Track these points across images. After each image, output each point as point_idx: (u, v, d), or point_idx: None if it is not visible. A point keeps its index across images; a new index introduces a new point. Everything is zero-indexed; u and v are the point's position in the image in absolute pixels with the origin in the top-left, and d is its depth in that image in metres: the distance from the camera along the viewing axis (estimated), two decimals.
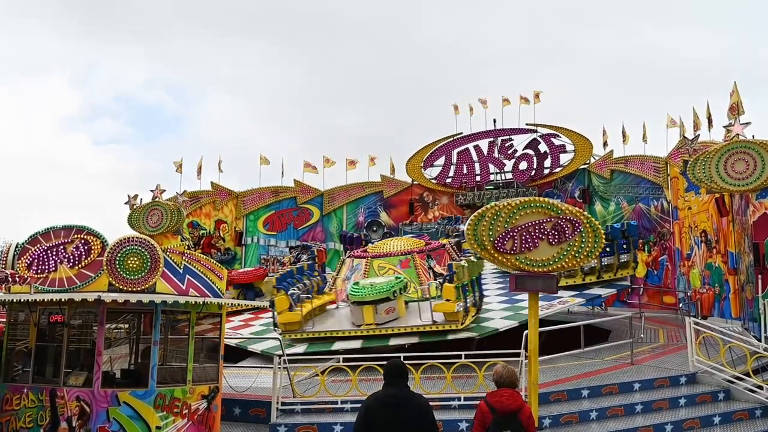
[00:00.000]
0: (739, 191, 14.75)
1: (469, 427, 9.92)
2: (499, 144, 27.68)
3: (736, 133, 14.56)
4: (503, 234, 10.03)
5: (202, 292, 10.66)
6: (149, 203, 21.82)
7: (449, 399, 11.47)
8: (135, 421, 9.37)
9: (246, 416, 11.70)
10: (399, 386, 5.82)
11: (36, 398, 9.67)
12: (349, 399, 11.44)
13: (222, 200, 28.06)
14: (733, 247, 17.20)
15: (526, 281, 10.19)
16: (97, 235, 10.14)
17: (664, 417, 11.35)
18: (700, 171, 14.60)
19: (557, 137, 26.89)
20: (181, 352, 10.54)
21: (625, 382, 12.49)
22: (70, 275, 9.95)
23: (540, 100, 27.33)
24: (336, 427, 10.83)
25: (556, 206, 10.12)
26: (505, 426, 6.06)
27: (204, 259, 11.09)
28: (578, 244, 10.03)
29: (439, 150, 28.54)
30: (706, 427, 11.15)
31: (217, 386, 10.65)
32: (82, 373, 9.68)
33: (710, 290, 18.93)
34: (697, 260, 20.04)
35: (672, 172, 21.98)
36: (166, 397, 9.70)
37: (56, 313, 10.32)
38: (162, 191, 22.34)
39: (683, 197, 20.96)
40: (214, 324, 11.41)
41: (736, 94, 15.06)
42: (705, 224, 19.28)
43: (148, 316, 10.37)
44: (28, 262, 10.00)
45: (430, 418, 5.75)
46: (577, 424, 11.01)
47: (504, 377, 6.35)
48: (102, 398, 9.32)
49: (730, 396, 12.18)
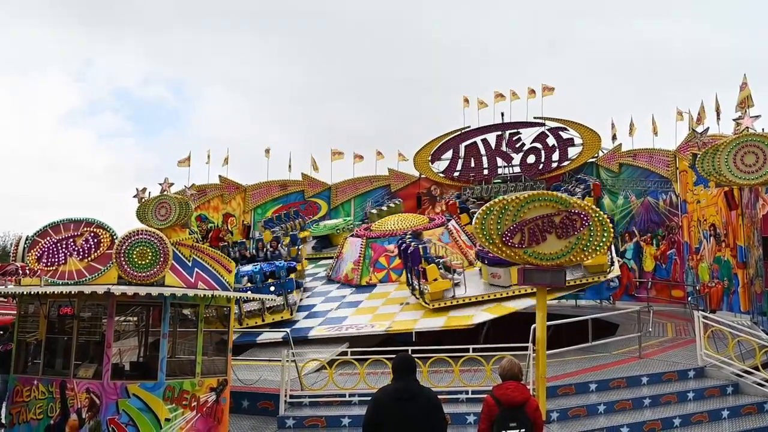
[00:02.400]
0: (748, 184, 14.66)
1: (477, 421, 9.93)
2: (507, 138, 27.57)
3: (746, 126, 14.47)
4: (511, 228, 10.02)
5: (210, 285, 10.69)
6: (158, 196, 21.84)
7: (457, 392, 11.48)
8: (144, 413, 9.43)
9: (254, 409, 11.75)
10: (408, 380, 5.80)
11: (46, 390, 9.74)
12: (357, 392, 11.47)
13: (230, 194, 28.11)
14: (742, 241, 17.11)
15: (534, 275, 10.19)
16: (106, 228, 10.18)
17: (673, 411, 11.32)
18: (709, 164, 14.51)
19: (565, 131, 26.74)
20: (190, 344, 10.60)
21: (633, 375, 12.47)
22: (79, 268, 9.99)
23: (552, 92, 27.19)
24: (344, 420, 10.87)
25: (564, 200, 10.11)
26: (511, 419, 6.06)
27: (212, 252, 11.12)
28: (586, 238, 10.02)
29: (446, 144, 28.42)
30: (714, 421, 11.13)
31: (226, 379, 10.69)
32: (91, 366, 9.76)
33: (719, 284, 18.85)
34: (705, 254, 19.96)
35: (681, 165, 21.87)
36: (175, 389, 9.75)
37: (66, 305, 10.38)
38: (170, 184, 22.38)
39: (692, 191, 20.86)
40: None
41: (747, 88, 14.95)
42: (714, 218, 19.18)
43: (157, 309, 10.43)
44: (38, 255, 10.05)
45: (439, 413, 5.73)
46: (585, 417, 11.00)
47: (507, 370, 6.36)
48: (111, 390, 9.38)
49: (738, 390, 12.14)
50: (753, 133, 14.30)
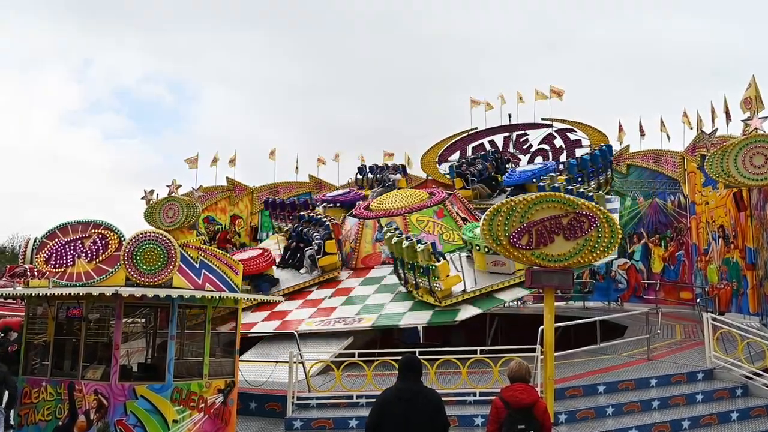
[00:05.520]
0: (757, 186, 14.59)
1: (485, 423, 9.91)
2: (514, 139, 27.54)
3: (755, 127, 14.41)
4: (519, 229, 10.00)
5: (218, 287, 10.70)
6: (165, 198, 21.95)
7: (464, 394, 11.45)
8: (152, 415, 9.44)
9: (262, 410, 11.75)
10: (412, 380, 5.83)
11: (54, 391, 9.77)
12: (364, 394, 11.45)
13: (237, 195, 28.13)
14: (751, 243, 17.03)
15: (542, 276, 10.17)
16: (114, 229, 10.19)
17: (681, 413, 11.27)
18: (717, 165, 14.44)
19: (573, 132, 26.71)
20: (198, 346, 10.61)
21: (642, 377, 12.41)
22: (87, 270, 10.01)
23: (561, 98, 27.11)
24: (351, 422, 10.86)
25: (572, 201, 10.08)
26: (519, 421, 6.05)
27: (220, 254, 11.13)
28: (594, 239, 9.99)
29: (453, 145, 28.39)
30: (723, 423, 11.06)
31: (233, 380, 10.70)
32: (99, 367, 9.77)
33: (728, 286, 18.77)
34: (714, 255, 19.88)
35: (689, 166, 21.81)
36: (182, 391, 9.76)
37: (74, 307, 10.41)
38: (178, 186, 22.47)
39: (700, 192, 20.79)
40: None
41: (754, 87, 14.87)
42: (722, 219, 19.11)
43: (165, 310, 10.44)
44: (46, 257, 10.07)
45: (442, 413, 5.76)
46: (593, 419, 10.96)
47: (515, 372, 6.37)
48: (119, 392, 9.40)
49: (748, 392, 12.07)
50: (762, 134, 14.24)
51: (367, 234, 19.96)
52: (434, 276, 14.79)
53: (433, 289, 14.94)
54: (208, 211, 26.87)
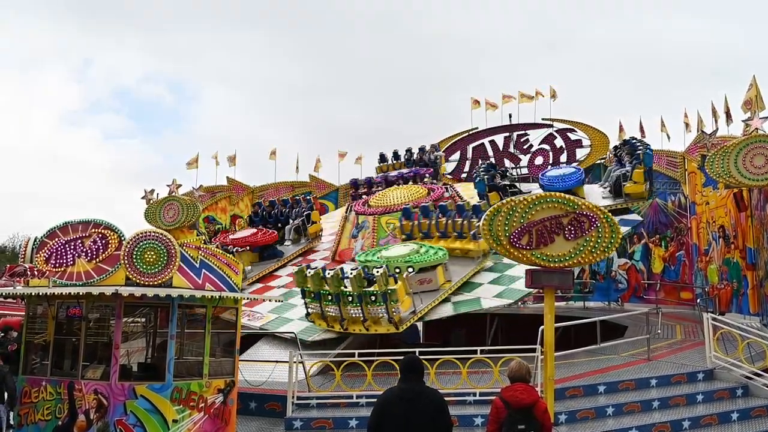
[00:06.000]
0: (757, 186, 14.58)
1: (485, 423, 9.90)
2: (514, 139, 27.52)
3: (755, 127, 14.40)
4: (519, 229, 9.99)
5: (218, 287, 10.70)
6: (165, 198, 21.90)
7: (465, 394, 11.45)
8: (152, 415, 9.44)
9: (262, 410, 11.75)
10: (414, 381, 5.82)
11: (54, 391, 9.77)
12: (364, 394, 11.44)
13: (238, 195, 28.09)
14: (751, 243, 17.02)
15: (542, 277, 10.16)
16: (114, 229, 10.18)
17: (682, 413, 11.27)
18: (718, 166, 14.43)
19: (573, 132, 26.70)
20: (198, 345, 10.60)
21: (642, 378, 12.41)
22: (87, 269, 10.00)
23: (557, 96, 27.10)
24: (351, 422, 10.86)
25: (572, 201, 10.06)
26: (519, 421, 6.05)
27: (220, 254, 11.12)
28: (594, 240, 9.98)
29: (454, 145, 28.40)
30: (724, 424, 11.07)
31: (233, 380, 10.69)
32: (99, 367, 9.77)
33: (728, 286, 18.77)
34: (714, 256, 19.87)
35: (689, 167, 21.80)
36: (182, 390, 9.76)
37: (74, 306, 10.40)
38: (178, 186, 22.43)
39: (701, 192, 20.78)
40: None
41: (755, 88, 14.86)
42: (723, 219, 19.10)
43: (165, 310, 10.44)
44: (47, 256, 10.07)
45: (444, 414, 5.74)
46: (594, 419, 10.95)
47: (516, 372, 6.36)
48: (119, 391, 9.40)
49: (748, 392, 12.07)
50: (762, 134, 14.23)
51: (347, 229, 20.16)
52: (392, 300, 13.34)
53: (391, 316, 13.46)
54: (209, 211, 26.81)
